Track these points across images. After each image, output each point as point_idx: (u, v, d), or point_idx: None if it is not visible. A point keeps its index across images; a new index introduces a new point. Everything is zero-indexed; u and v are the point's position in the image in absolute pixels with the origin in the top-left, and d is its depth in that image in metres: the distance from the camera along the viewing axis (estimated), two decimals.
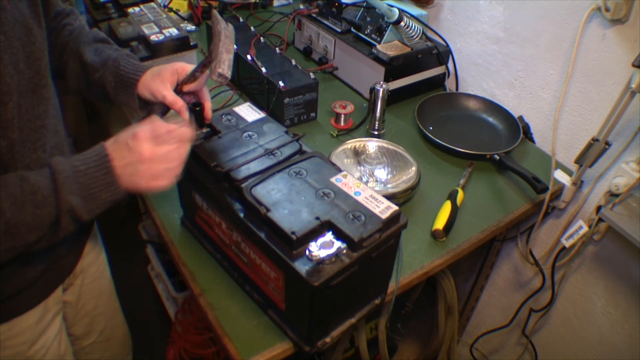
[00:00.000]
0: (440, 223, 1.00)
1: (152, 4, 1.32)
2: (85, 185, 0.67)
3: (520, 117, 1.31)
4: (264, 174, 0.78)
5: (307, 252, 0.68)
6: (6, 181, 0.63)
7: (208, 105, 0.86)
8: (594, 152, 1.06)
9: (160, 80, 0.84)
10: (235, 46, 0.87)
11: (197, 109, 0.84)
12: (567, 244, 1.17)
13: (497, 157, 1.18)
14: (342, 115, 1.27)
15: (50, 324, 0.91)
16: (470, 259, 1.59)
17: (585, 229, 1.13)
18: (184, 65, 0.85)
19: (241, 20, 1.49)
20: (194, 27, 1.64)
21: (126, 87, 0.87)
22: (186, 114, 0.82)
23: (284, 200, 0.74)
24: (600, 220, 1.08)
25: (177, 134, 0.70)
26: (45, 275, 0.83)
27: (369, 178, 1.09)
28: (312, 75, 1.25)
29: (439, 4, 1.46)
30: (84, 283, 1.01)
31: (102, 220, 0.97)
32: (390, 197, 0.94)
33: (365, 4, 1.39)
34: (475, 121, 1.36)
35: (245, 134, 0.87)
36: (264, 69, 1.24)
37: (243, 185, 0.76)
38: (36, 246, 0.68)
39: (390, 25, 1.31)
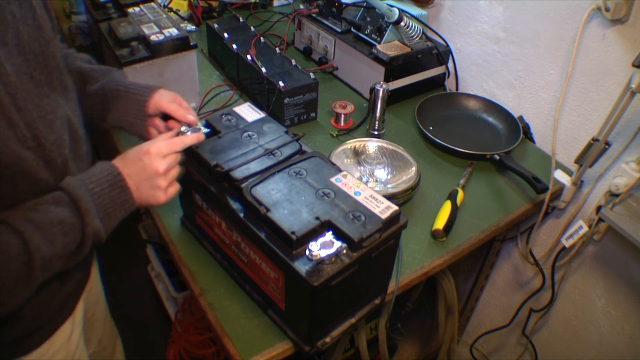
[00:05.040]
0: (440, 223, 1.00)
1: (152, 4, 1.32)
2: (101, 206, 0.67)
3: (520, 117, 1.31)
4: (264, 174, 0.78)
5: (307, 252, 0.68)
6: (27, 215, 0.61)
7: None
8: (594, 152, 1.06)
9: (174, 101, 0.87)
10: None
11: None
12: (567, 244, 1.17)
13: (497, 157, 1.18)
14: (342, 115, 1.27)
15: (79, 340, 0.89)
16: (470, 259, 1.59)
17: (585, 229, 1.13)
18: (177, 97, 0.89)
19: (241, 20, 1.49)
20: (194, 27, 1.64)
21: (131, 101, 0.86)
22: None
23: (284, 200, 0.74)
24: (600, 220, 1.08)
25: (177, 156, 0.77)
26: (78, 285, 0.83)
27: (369, 178, 1.09)
28: (312, 75, 1.25)
29: (439, 4, 1.46)
30: (89, 290, 1.00)
31: None
32: (390, 197, 0.94)
33: (365, 4, 1.39)
34: (475, 121, 1.36)
35: (245, 134, 0.87)
36: (264, 69, 1.24)
37: (243, 185, 0.76)
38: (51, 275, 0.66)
39: (390, 25, 1.31)
